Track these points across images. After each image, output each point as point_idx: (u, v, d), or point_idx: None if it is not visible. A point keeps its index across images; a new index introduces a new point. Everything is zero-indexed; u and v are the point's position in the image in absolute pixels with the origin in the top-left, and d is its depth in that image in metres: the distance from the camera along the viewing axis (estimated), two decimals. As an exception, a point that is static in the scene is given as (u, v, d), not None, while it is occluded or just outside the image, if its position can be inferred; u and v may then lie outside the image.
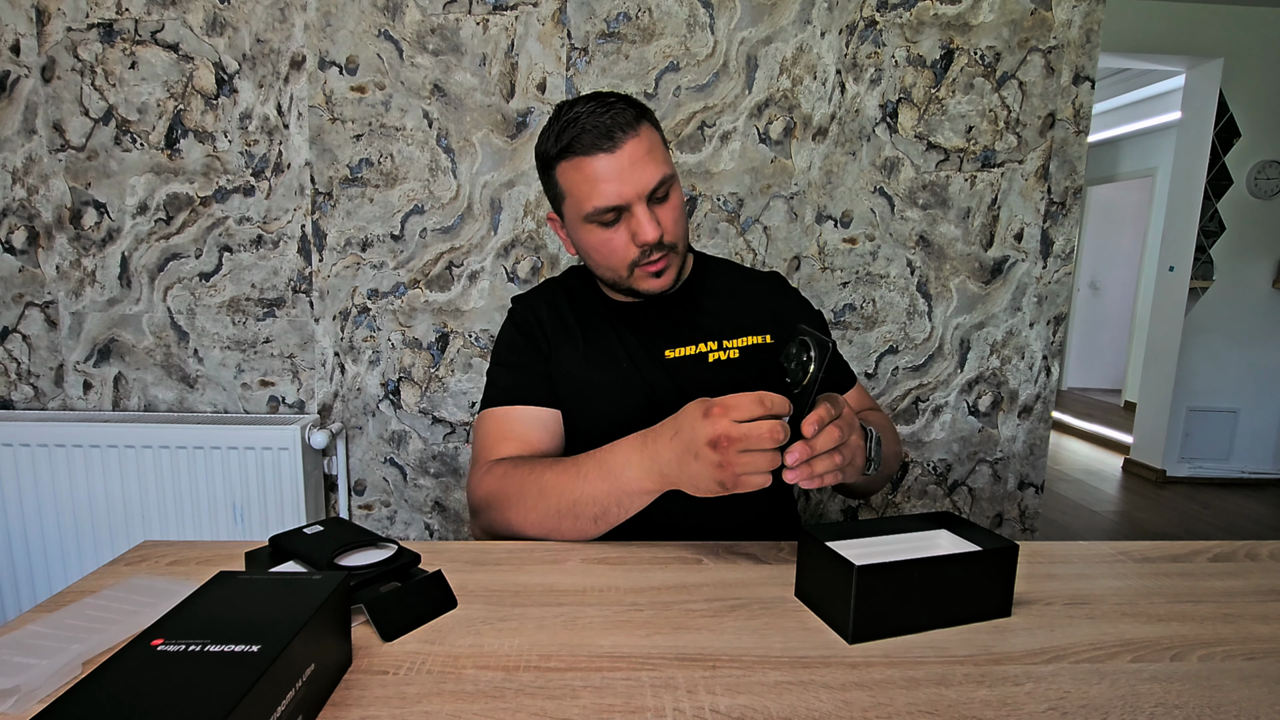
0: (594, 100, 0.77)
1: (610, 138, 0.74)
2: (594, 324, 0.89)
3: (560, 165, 0.78)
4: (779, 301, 0.94)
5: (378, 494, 1.42)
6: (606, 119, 0.74)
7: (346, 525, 0.61)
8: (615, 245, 0.79)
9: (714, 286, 0.93)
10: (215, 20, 1.26)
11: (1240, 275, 3.40)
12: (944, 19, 1.34)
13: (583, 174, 0.76)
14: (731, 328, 0.89)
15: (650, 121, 0.79)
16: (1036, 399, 1.47)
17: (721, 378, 0.86)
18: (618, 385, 0.85)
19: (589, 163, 0.75)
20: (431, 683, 0.45)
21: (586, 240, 0.81)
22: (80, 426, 1.27)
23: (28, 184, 1.29)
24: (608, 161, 0.75)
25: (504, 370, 0.88)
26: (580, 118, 0.75)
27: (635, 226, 0.77)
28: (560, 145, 0.76)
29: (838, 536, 0.59)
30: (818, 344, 0.61)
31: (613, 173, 0.75)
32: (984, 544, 0.58)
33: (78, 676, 0.44)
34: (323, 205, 1.32)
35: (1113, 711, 0.43)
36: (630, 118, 0.76)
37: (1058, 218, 1.41)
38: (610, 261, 0.81)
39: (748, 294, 0.93)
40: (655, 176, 0.76)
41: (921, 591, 0.52)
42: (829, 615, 0.54)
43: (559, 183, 0.80)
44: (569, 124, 0.76)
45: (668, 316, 0.89)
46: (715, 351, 0.87)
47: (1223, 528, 2.99)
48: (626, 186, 0.75)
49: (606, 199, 0.75)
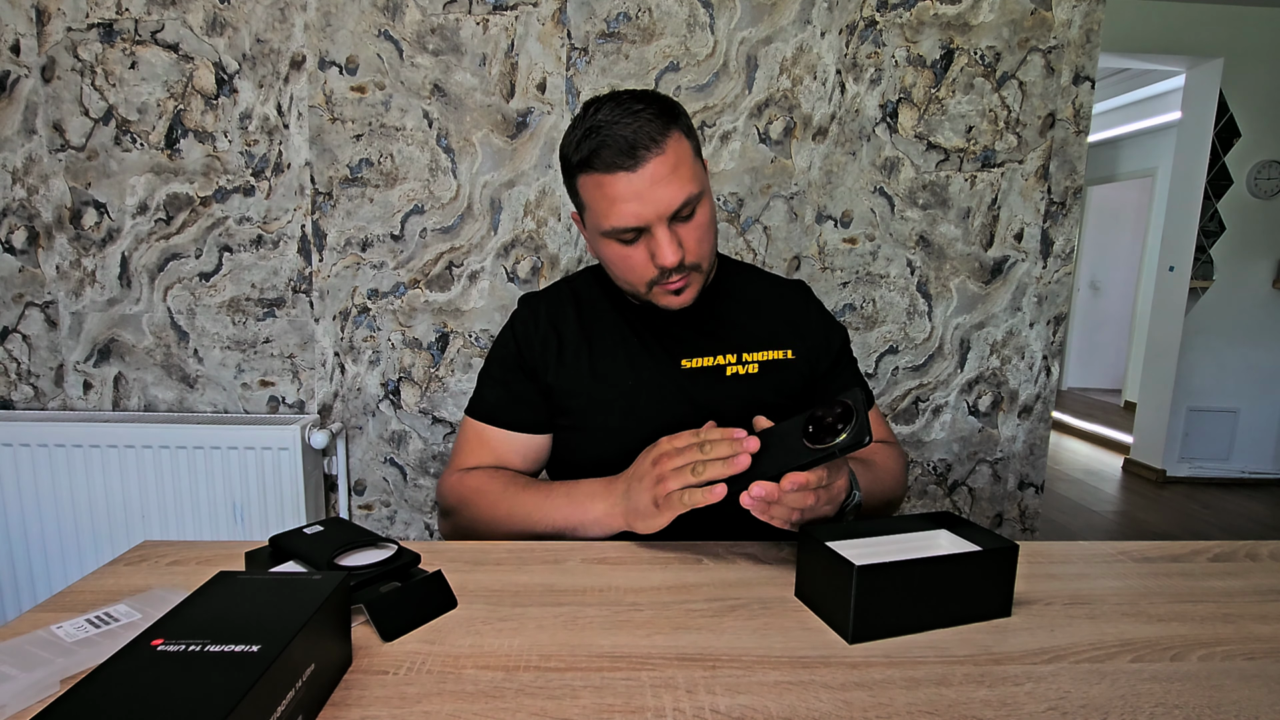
0: (620, 106, 0.72)
1: (632, 155, 0.70)
2: (604, 334, 0.85)
3: (580, 177, 0.75)
4: (802, 315, 0.90)
5: (378, 494, 1.42)
6: (630, 131, 0.70)
7: (346, 525, 0.61)
8: (634, 262, 0.76)
9: (738, 294, 0.89)
10: (215, 20, 1.26)
11: (1240, 275, 3.40)
12: (944, 19, 1.34)
13: (602, 191, 0.72)
14: (752, 340, 0.85)
15: (682, 128, 0.74)
16: (1036, 399, 1.47)
17: (738, 393, 0.83)
18: (621, 406, 0.82)
19: (608, 181, 0.71)
20: (431, 683, 0.45)
21: (606, 253, 0.78)
22: (80, 426, 1.27)
23: (28, 184, 1.29)
24: (628, 181, 0.71)
25: (491, 384, 0.87)
26: (603, 127, 0.71)
27: (654, 248, 0.73)
28: (580, 156, 0.73)
29: (838, 536, 0.59)
30: (856, 430, 0.58)
31: (632, 193, 0.71)
32: (984, 544, 0.57)
33: (56, 693, 0.43)
34: (323, 205, 1.32)
35: (1113, 711, 0.43)
36: (657, 130, 0.71)
37: (1058, 218, 1.41)
38: (629, 277, 0.78)
39: (771, 305, 0.90)
40: (678, 197, 0.71)
41: (922, 591, 0.52)
42: (829, 615, 0.53)
43: (580, 192, 0.77)
44: (591, 133, 0.72)
45: (686, 323, 0.85)
46: (734, 365, 0.83)
47: (1223, 528, 2.99)
48: (647, 208, 0.71)
49: (625, 220, 0.72)
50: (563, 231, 1.35)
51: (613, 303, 0.88)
